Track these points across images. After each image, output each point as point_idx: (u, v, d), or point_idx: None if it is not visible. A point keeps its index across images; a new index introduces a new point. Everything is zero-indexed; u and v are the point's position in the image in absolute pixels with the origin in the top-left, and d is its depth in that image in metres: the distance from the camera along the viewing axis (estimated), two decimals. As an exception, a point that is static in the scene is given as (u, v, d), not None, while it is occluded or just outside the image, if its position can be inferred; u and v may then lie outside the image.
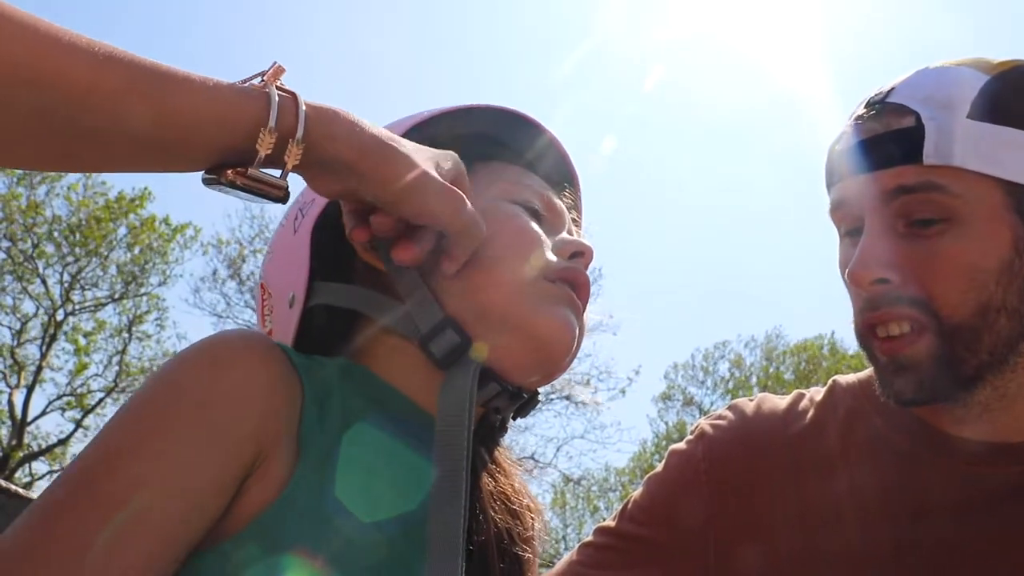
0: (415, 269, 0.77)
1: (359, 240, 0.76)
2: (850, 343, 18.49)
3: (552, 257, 0.80)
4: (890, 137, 0.84)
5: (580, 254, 0.82)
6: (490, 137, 0.87)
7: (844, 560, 0.90)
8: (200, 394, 0.64)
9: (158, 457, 0.63)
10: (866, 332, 0.88)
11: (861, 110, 0.88)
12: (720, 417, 1.04)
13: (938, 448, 0.91)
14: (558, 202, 0.86)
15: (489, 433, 0.83)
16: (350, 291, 0.81)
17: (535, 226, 0.81)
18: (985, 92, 0.83)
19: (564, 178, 0.91)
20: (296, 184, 0.85)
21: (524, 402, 0.82)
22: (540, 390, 0.84)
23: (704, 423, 1.04)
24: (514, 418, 0.84)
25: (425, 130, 0.83)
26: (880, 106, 0.86)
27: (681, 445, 1.04)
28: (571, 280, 0.80)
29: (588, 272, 0.83)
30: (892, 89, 0.87)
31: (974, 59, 0.88)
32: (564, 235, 0.84)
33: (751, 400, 1.05)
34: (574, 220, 0.91)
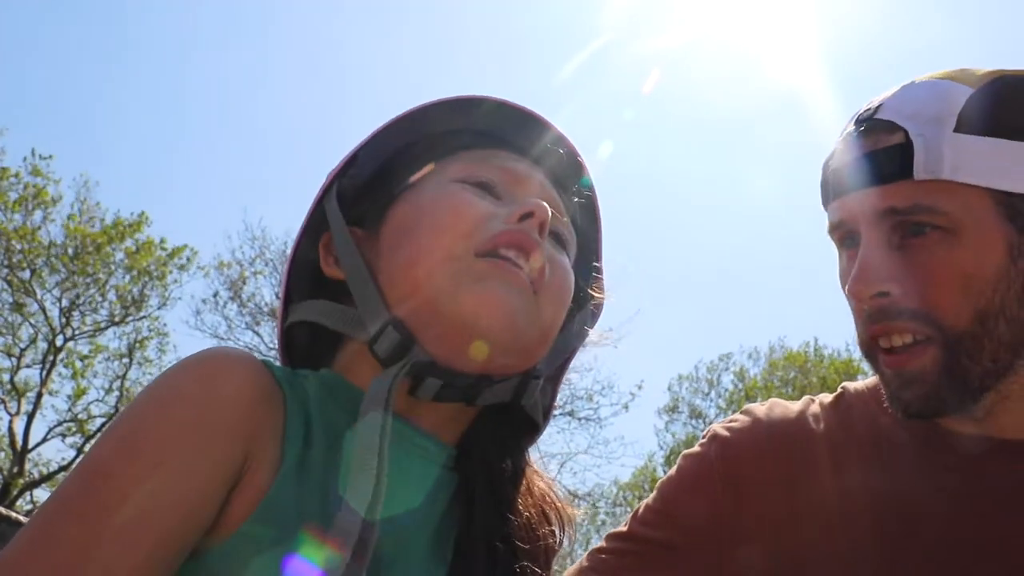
0: (368, 272, 0.77)
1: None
2: (833, 346, 18.65)
3: (489, 228, 0.76)
4: (881, 154, 0.86)
5: (530, 215, 0.76)
6: (485, 132, 0.85)
7: (855, 557, 0.90)
8: (194, 404, 0.66)
9: (155, 464, 0.63)
10: (870, 344, 0.89)
11: (851, 127, 0.90)
12: (733, 420, 1.05)
13: (942, 446, 0.92)
14: (529, 173, 0.82)
15: (511, 434, 0.82)
16: (317, 306, 0.82)
17: (470, 199, 0.77)
18: (970, 105, 0.85)
19: (572, 171, 0.88)
20: (333, 145, 0.87)
21: (521, 386, 0.79)
22: (538, 375, 0.81)
23: (716, 427, 1.05)
24: (518, 403, 0.80)
25: (417, 123, 0.83)
26: (869, 123, 0.88)
27: (694, 448, 1.05)
28: (514, 244, 0.75)
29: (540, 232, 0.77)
30: (880, 106, 0.89)
31: (958, 71, 0.90)
32: (519, 202, 0.79)
33: (763, 404, 1.05)
34: (592, 215, 0.89)
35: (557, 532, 0.83)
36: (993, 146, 0.84)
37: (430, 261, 0.75)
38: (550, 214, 0.77)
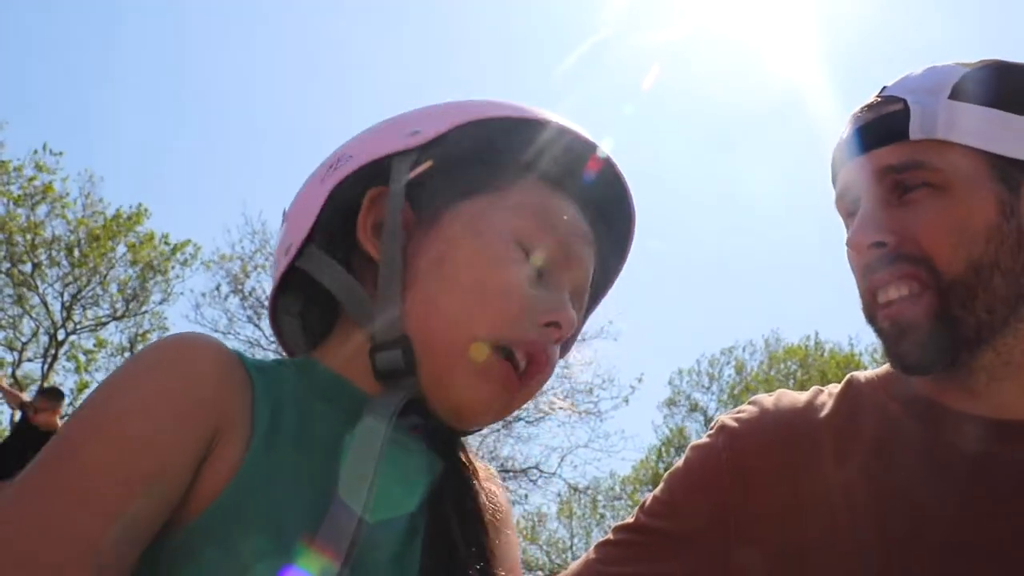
0: (401, 265, 0.76)
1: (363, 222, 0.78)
2: (834, 340, 18.70)
3: (521, 326, 0.76)
4: (880, 121, 0.92)
5: (556, 325, 0.77)
6: (526, 145, 0.81)
7: (859, 556, 0.90)
8: (164, 379, 0.67)
9: (121, 438, 0.64)
10: (870, 301, 0.92)
11: (858, 108, 0.95)
12: (741, 411, 1.04)
13: (948, 436, 0.91)
14: (578, 250, 0.81)
15: (447, 442, 0.81)
16: (334, 268, 0.78)
17: (524, 289, 0.76)
18: (965, 79, 0.91)
19: (610, 196, 0.85)
20: (334, 141, 0.83)
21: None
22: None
23: (724, 417, 1.05)
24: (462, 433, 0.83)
25: (450, 140, 0.79)
26: (873, 102, 0.94)
27: (701, 439, 1.05)
28: (529, 355, 0.77)
29: (555, 346, 0.79)
30: (884, 88, 0.95)
31: (957, 62, 0.95)
32: (555, 295, 0.79)
33: (771, 395, 1.05)
34: (621, 248, 0.88)
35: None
36: (985, 113, 0.89)
37: (457, 327, 0.75)
38: (574, 327, 0.80)
